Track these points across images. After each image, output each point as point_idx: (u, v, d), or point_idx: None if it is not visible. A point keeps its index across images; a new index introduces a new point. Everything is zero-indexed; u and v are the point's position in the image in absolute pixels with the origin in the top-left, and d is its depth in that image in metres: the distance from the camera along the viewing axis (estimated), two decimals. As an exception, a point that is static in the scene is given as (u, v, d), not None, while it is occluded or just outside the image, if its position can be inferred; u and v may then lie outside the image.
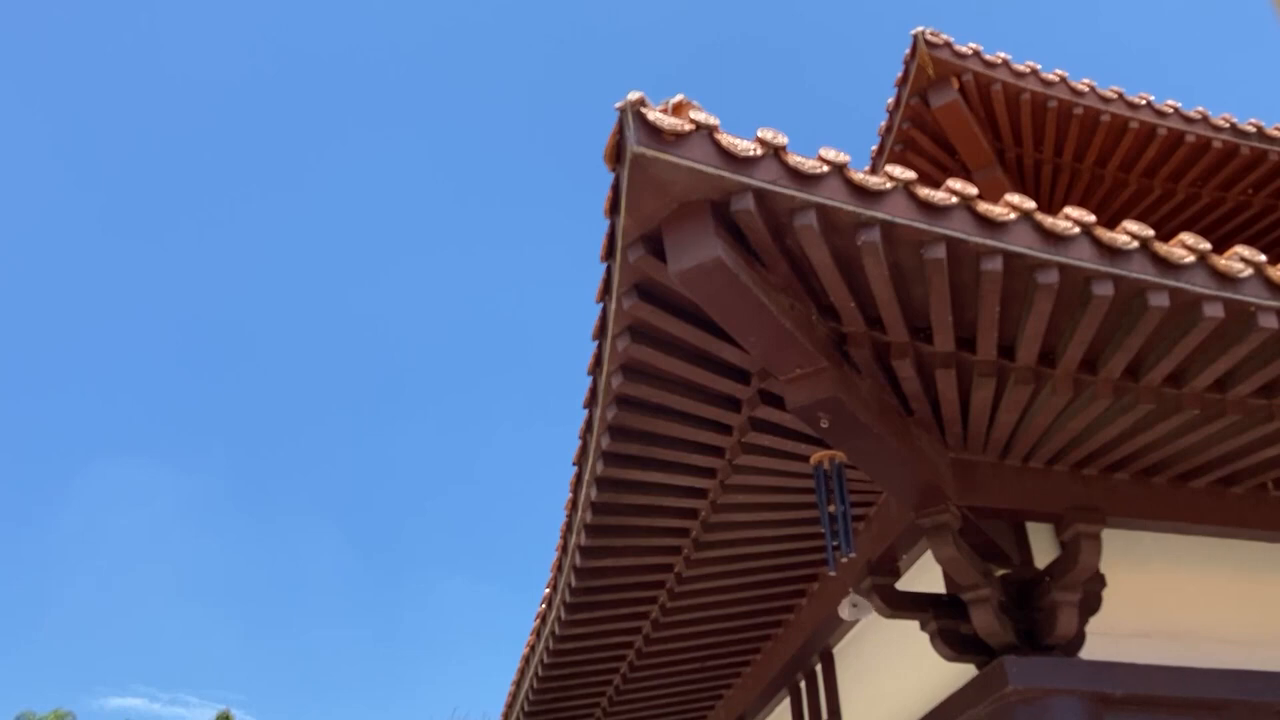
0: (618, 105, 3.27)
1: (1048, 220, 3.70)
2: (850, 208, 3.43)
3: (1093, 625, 4.82)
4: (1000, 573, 4.95)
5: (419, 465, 58.96)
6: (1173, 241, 3.91)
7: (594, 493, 4.97)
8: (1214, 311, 3.84)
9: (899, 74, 7.97)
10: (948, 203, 3.57)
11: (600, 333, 4.23)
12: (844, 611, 5.47)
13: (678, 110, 3.33)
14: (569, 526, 5.64)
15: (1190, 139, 7.93)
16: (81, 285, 54.34)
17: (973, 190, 3.64)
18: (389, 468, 58.93)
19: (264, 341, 59.02)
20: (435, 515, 58.14)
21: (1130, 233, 3.79)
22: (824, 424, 4.01)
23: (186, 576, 52.00)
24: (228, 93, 53.39)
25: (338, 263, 57.81)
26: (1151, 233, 3.83)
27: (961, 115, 7.78)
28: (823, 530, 4.36)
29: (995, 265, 3.63)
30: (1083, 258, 3.70)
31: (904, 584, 5.35)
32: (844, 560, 4.26)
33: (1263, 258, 3.96)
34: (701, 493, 5.16)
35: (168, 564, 53.01)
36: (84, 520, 51.94)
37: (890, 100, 8.18)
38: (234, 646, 49.17)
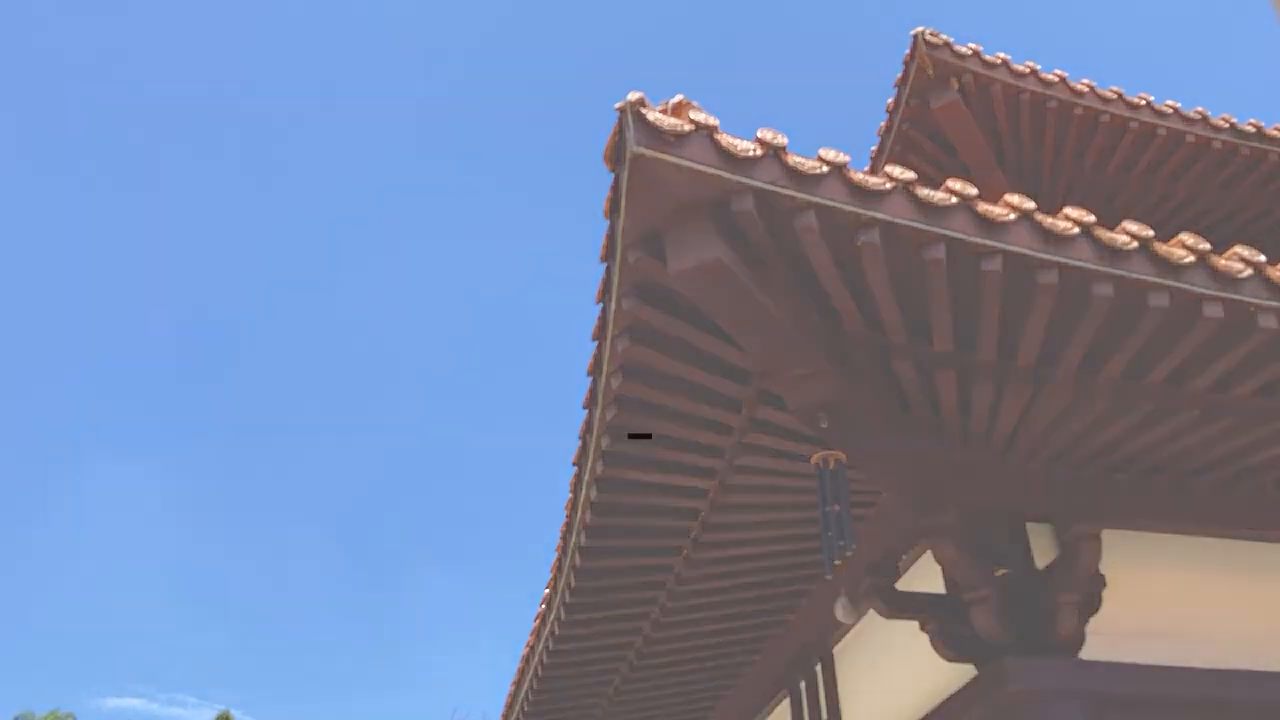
0: (617, 105, 3.27)
1: (1048, 220, 3.70)
2: (850, 208, 3.43)
3: (1093, 625, 4.81)
4: (1000, 573, 4.95)
5: (416, 465, 58.96)
6: (1173, 242, 3.91)
7: (594, 493, 4.97)
8: (1214, 311, 3.84)
9: (899, 74, 7.97)
10: (948, 203, 3.57)
11: (600, 333, 4.22)
12: (839, 612, 5.47)
13: (677, 110, 3.33)
14: (569, 526, 5.64)
15: (1190, 139, 7.92)
16: (73, 284, 54.26)
17: (973, 190, 3.64)
18: (386, 467, 58.93)
19: (257, 341, 58.96)
20: (432, 515, 58.17)
21: (1130, 233, 3.79)
22: (824, 424, 4.02)
23: (185, 577, 52.05)
24: (222, 90, 53.37)
25: (335, 262, 57.79)
26: (1151, 233, 3.83)
27: (961, 115, 7.77)
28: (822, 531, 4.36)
29: (995, 265, 3.63)
30: (1083, 258, 3.70)
31: (904, 584, 5.35)
32: (838, 563, 4.26)
33: (1263, 258, 3.97)
34: (701, 493, 5.16)
35: (166, 564, 53.10)
36: (79, 520, 51.95)
37: (890, 100, 8.17)
38: (233, 646, 49.23)
